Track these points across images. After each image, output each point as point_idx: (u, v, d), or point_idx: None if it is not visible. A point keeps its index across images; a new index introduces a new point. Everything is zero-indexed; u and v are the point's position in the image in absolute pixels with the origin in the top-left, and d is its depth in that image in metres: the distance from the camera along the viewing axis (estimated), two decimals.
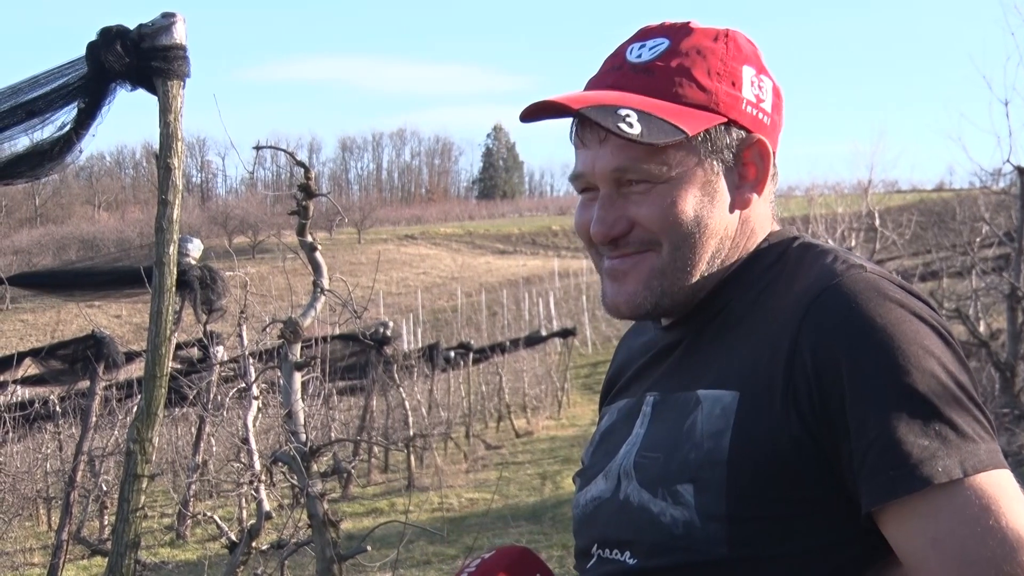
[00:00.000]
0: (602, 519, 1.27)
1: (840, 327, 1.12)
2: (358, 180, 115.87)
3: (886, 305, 1.13)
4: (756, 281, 1.26)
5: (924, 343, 1.11)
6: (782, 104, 1.31)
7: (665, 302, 1.27)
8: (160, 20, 2.77)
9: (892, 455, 1.07)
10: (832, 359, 1.11)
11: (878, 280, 1.16)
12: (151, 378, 2.81)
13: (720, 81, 1.25)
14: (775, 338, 1.17)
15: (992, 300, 13.34)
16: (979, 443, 1.09)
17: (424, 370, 16.13)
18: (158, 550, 10.14)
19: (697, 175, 1.24)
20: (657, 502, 1.19)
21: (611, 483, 1.27)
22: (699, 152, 1.24)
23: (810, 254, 1.25)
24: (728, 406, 1.17)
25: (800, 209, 21.21)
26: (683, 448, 1.19)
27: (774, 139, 1.29)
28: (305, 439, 3.54)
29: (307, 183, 3.54)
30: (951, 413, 1.08)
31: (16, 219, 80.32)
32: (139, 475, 2.76)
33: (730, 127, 1.25)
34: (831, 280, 1.17)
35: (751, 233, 1.29)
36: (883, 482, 1.08)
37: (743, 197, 1.27)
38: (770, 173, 1.29)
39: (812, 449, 1.12)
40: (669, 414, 1.24)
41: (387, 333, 13.32)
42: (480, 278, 59.01)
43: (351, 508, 11.10)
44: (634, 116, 1.21)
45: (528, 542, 8.13)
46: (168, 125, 2.77)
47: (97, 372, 7.47)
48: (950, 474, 1.06)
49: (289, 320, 3.61)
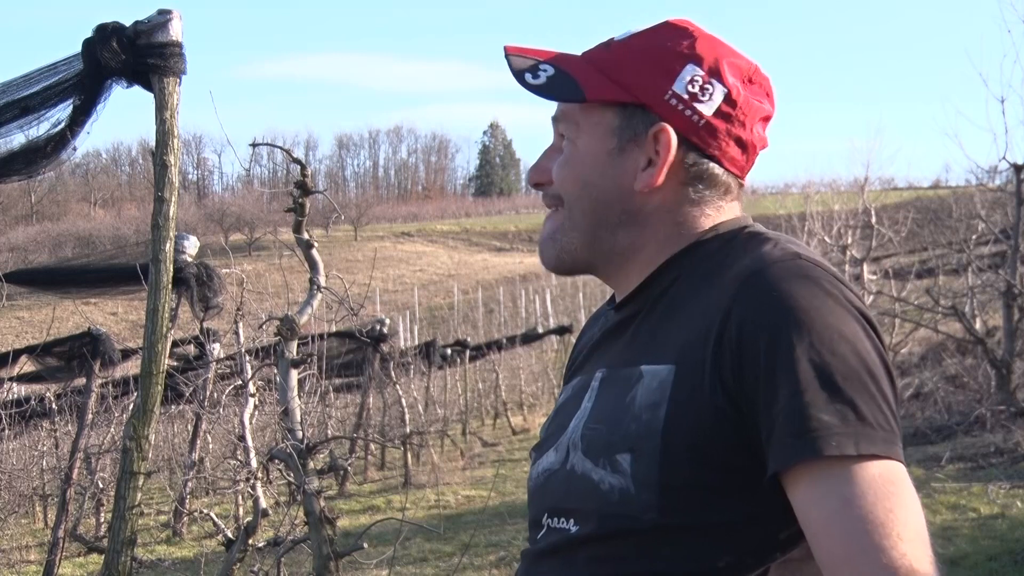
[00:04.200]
0: (551, 489, 1.34)
1: (764, 306, 1.19)
2: (355, 177, 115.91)
3: (811, 290, 1.19)
4: (699, 264, 1.32)
5: (841, 328, 1.17)
6: (740, 115, 1.34)
7: (565, 258, 1.39)
8: (156, 17, 2.77)
9: (793, 425, 1.14)
10: (753, 335, 1.18)
11: (809, 267, 1.23)
12: (147, 375, 2.81)
13: (651, 69, 1.33)
14: (709, 315, 1.23)
15: (988, 297, 13.36)
16: (877, 430, 1.14)
17: (421, 367, 16.14)
18: (154, 547, 10.14)
19: (603, 144, 1.34)
20: (598, 471, 1.26)
21: (561, 455, 1.34)
22: (613, 125, 1.34)
23: (753, 241, 1.32)
24: (665, 379, 1.24)
25: (796, 206, 21.23)
26: (624, 419, 1.26)
27: (705, 139, 1.33)
28: (301, 436, 3.54)
29: (303, 180, 3.54)
30: (855, 396, 1.15)
31: (12, 216, 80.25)
32: (135, 472, 2.76)
33: (646, 112, 1.33)
34: (763, 263, 1.24)
35: (684, 221, 1.35)
36: (781, 449, 1.14)
37: (647, 178, 1.33)
38: (702, 171, 1.34)
39: (736, 421, 1.19)
40: (614, 388, 1.31)
41: (384, 330, 13.32)
42: (477, 275, 59.06)
43: (348, 505, 11.11)
44: (550, 72, 1.35)
45: (524, 539, 8.11)
46: (164, 122, 2.77)
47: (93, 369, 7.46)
48: (843, 450, 1.12)
49: (286, 317, 3.61)
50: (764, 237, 1.32)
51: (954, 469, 9.06)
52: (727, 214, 1.38)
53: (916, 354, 15.96)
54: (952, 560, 6.20)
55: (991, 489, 7.93)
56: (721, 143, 1.34)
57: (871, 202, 15.65)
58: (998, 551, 6.30)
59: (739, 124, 1.34)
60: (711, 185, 1.35)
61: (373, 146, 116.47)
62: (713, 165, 1.35)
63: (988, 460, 9.23)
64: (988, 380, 11.61)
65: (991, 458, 9.27)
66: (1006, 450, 9.39)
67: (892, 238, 15.79)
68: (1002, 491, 7.87)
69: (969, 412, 11.03)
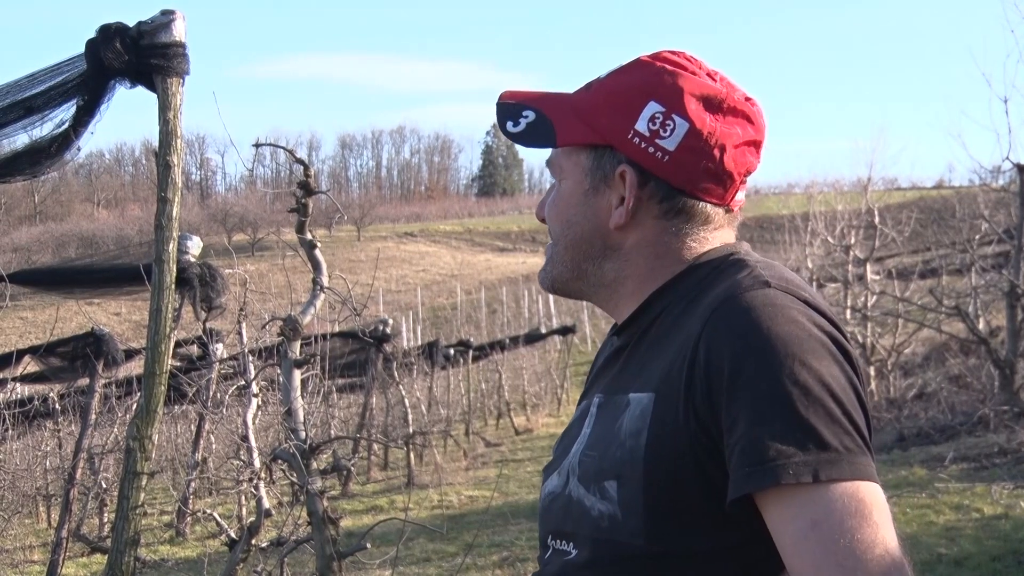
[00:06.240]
0: (554, 512, 1.39)
1: (729, 334, 1.21)
2: (357, 177, 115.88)
3: (776, 319, 1.21)
4: (687, 293, 1.35)
5: (803, 357, 1.18)
6: (706, 146, 1.35)
7: (558, 285, 1.47)
8: (159, 17, 2.77)
9: (750, 454, 1.15)
10: (719, 363, 1.20)
11: (778, 295, 1.25)
12: (151, 375, 2.81)
13: (616, 109, 1.38)
14: (685, 343, 1.27)
15: (991, 297, 13.34)
16: (842, 454, 1.15)
17: (424, 368, 16.14)
18: (158, 547, 10.15)
19: (580, 185, 1.41)
20: (590, 497, 1.30)
21: (562, 479, 1.38)
22: (586, 166, 1.40)
23: (733, 268, 1.33)
24: (646, 407, 1.27)
25: (800, 206, 21.24)
26: (612, 447, 1.29)
27: (672, 173, 1.35)
28: (305, 436, 3.55)
29: (306, 180, 3.55)
30: (816, 423, 1.15)
31: (15, 216, 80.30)
32: (139, 472, 2.76)
33: (614, 152, 1.38)
34: (732, 291, 1.26)
35: (666, 253, 1.39)
36: (739, 477, 1.16)
37: (618, 217, 1.38)
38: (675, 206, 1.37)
39: (708, 447, 1.21)
40: (607, 415, 1.35)
41: (387, 330, 13.32)
42: (480, 275, 59.04)
43: (351, 506, 11.11)
44: (531, 118, 1.42)
45: (527, 539, 8.13)
46: (167, 122, 2.77)
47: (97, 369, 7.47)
48: (799, 477, 1.13)
49: (289, 317, 3.61)
50: (743, 264, 1.34)
51: (957, 469, 9.05)
52: (714, 243, 1.39)
53: (919, 354, 15.97)
54: (956, 561, 6.19)
55: (995, 489, 7.93)
56: (691, 176, 1.35)
57: (874, 202, 15.63)
58: (1002, 551, 6.30)
59: (707, 155, 1.35)
60: (688, 218, 1.38)
61: (376, 146, 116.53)
62: (686, 199, 1.37)
63: (992, 460, 9.22)
64: (991, 380, 11.59)
65: (994, 458, 9.27)
66: (1009, 450, 9.39)
67: (895, 238, 15.77)
68: (1006, 491, 7.87)
69: (972, 412, 11.02)
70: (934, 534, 6.85)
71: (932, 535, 6.80)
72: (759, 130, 1.39)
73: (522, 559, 7.45)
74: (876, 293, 14.28)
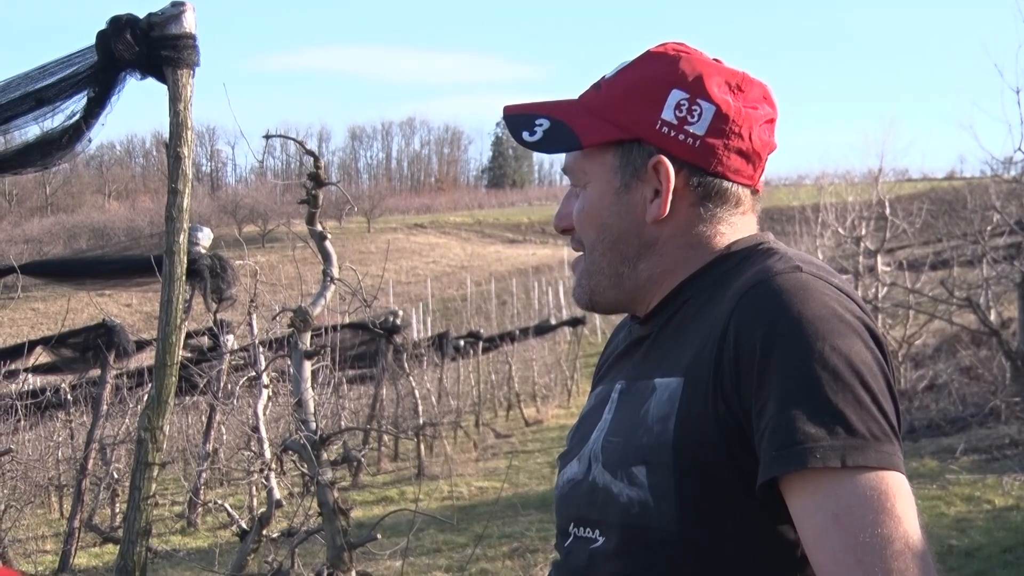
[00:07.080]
0: (576, 499, 1.36)
1: (760, 317, 1.20)
2: (368, 169, 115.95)
3: (808, 303, 1.20)
4: (715, 280, 1.35)
5: (835, 341, 1.17)
6: (734, 127, 1.36)
7: (598, 299, 1.43)
8: (170, 9, 2.77)
9: (779, 437, 1.14)
10: (750, 347, 1.19)
11: (810, 279, 1.24)
12: (162, 366, 2.82)
13: (639, 102, 1.36)
14: (714, 328, 1.25)
15: (1003, 289, 13.29)
16: (869, 441, 1.13)
17: (434, 359, 16.17)
18: (169, 538, 10.20)
19: (610, 185, 1.38)
20: (617, 483, 1.28)
21: (583, 465, 1.37)
22: (614, 164, 1.38)
23: (763, 255, 1.33)
24: (674, 392, 1.26)
25: (810, 197, 21.18)
26: (638, 432, 1.28)
27: (704, 158, 1.35)
28: (315, 427, 3.55)
29: (317, 172, 3.55)
30: (845, 408, 1.14)
31: (27, 208, 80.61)
32: (150, 463, 2.77)
33: (643, 145, 1.36)
34: (763, 276, 1.25)
35: (699, 242, 1.38)
36: (768, 461, 1.15)
37: (656, 210, 1.36)
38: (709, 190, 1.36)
39: (738, 431, 1.20)
40: (631, 401, 1.34)
41: (397, 322, 13.35)
42: (490, 267, 59.07)
43: (361, 496, 11.15)
44: (546, 125, 1.39)
45: (537, 530, 8.15)
46: (178, 114, 2.77)
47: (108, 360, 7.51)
48: (827, 462, 1.12)
49: (299, 309, 3.62)
50: (772, 251, 1.34)
51: (968, 461, 9.04)
52: (743, 230, 1.39)
53: (931, 346, 15.91)
54: (967, 552, 6.19)
55: (1006, 481, 7.91)
56: (722, 158, 1.35)
57: (885, 193, 15.56)
58: (1012, 543, 6.29)
59: (736, 136, 1.35)
60: (722, 201, 1.37)
61: (386, 138, 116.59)
62: (719, 181, 1.36)
63: (1003, 452, 9.20)
64: (1003, 372, 11.56)
65: (1005, 450, 9.25)
66: (1020, 442, 9.36)
67: (906, 229, 15.70)
68: (1017, 483, 7.85)
69: (984, 404, 11.00)
70: (945, 525, 6.84)
71: (943, 526, 6.79)
72: (773, 108, 1.40)
73: (532, 550, 7.46)
74: (887, 284, 14.23)
